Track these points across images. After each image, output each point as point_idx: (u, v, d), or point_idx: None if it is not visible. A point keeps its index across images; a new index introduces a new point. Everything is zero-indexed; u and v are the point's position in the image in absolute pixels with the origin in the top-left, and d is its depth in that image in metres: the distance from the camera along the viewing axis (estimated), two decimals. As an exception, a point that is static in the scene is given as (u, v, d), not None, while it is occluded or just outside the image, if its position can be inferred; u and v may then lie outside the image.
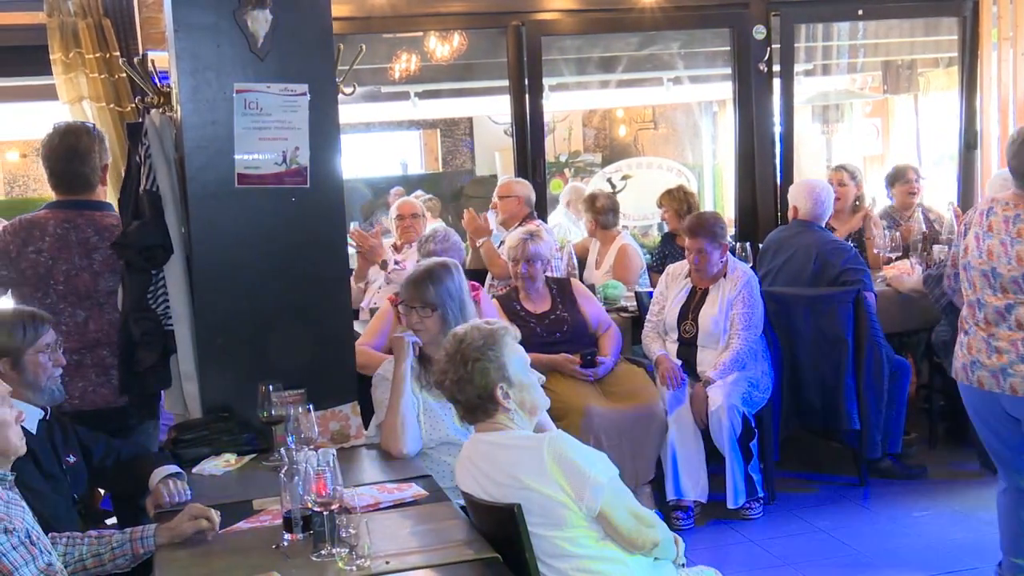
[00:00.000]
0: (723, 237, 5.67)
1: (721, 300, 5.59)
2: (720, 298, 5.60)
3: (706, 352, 5.63)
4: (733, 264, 5.72)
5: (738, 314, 5.56)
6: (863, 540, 5.19)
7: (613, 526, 3.00)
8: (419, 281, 4.06)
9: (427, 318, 4.02)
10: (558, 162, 13.29)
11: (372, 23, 7.18)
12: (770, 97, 7.67)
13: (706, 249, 5.59)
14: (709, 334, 5.61)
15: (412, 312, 4.05)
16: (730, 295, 5.58)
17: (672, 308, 5.75)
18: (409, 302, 4.07)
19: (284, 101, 4.11)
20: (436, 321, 4.00)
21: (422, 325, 4.03)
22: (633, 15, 7.48)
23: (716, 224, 5.68)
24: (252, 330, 4.16)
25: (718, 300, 5.60)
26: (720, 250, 5.62)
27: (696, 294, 5.71)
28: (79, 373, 4.26)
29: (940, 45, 10.03)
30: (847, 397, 5.70)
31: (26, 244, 4.31)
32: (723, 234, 5.68)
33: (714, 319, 5.58)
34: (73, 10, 6.24)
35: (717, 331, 5.58)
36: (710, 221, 5.72)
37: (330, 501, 2.92)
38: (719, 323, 5.57)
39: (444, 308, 4.02)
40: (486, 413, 3.15)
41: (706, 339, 5.63)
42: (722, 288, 5.63)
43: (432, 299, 4.02)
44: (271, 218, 4.16)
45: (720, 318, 5.57)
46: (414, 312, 4.05)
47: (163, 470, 3.57)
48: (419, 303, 4.03)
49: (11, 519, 2.72)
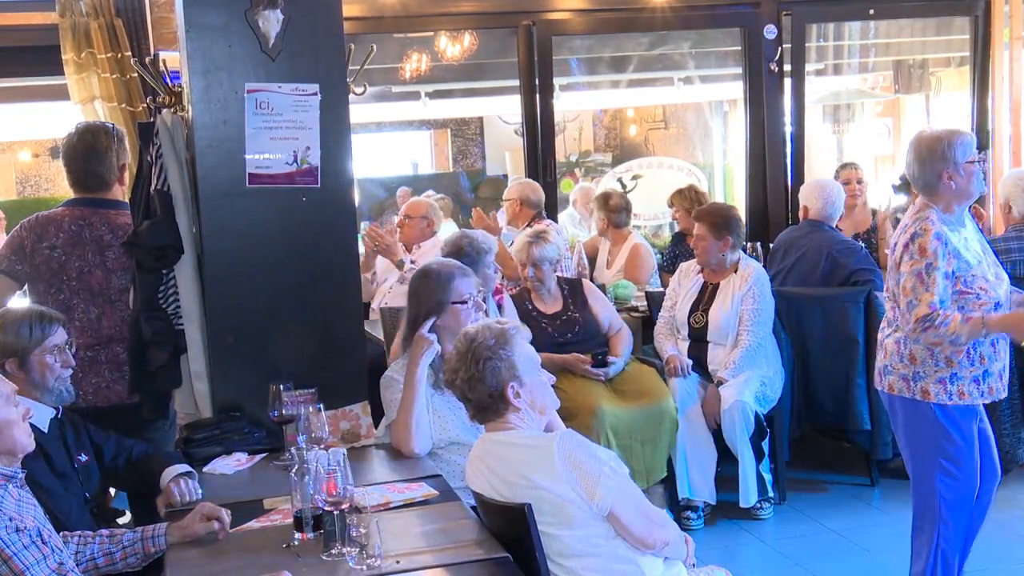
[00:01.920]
0: (728, 231, 5.61)
1: (732, 295, 5.59)
2: (730, 293, 5.60)
3: (717, 349, 5.63)
4: (745, 261, 5.72)
5: (747, 310, 5.55)
6: (874, 540, 5.18)
7: (623, 525, 2.99)
8: None
9: None
10: (568, 162, 13.28)
11: (383, 23, 7.20)
12: (781, 97, 7.67)
13: (705, 235, 5.62)
14: (719, 329, 5.61)
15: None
16: (740, 291, 5.58)
17: (683, 304, 5.76)
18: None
19: (295, 101, 4.12)
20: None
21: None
22: (644, 15, 7.48)
23: (721, 216, 5.67)
24: (263, 329, 4.17)
25: (729, 296, 5.60)
26: (721, 242, 5.61)
27: (707, 289, 5.71)
28: (93, 370, 4.29)
29: (951, 45, 10.00)
30: (858, 397, 5.69)
31: (41, 240, 4.34)
32: (727, 227, 5.62)
33: (724, 314, 5.58)
34: (85, 10, 6.27)
35: (727, 326, 5.58)
36: (716, 211, 5.75)
37: (341, 500, 2.92)
38: (729, 319, 5.57)
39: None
40: (497, 412, 3.15)
41: (716, 334, 5.63)
42: (732, 284, 5.63)
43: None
44: (282, 218, 4.17)
45: (730, 313, 5.57)
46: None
47: (174, 469, 3.58)
48: None
49: (22, 518, 2.73)
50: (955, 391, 3.94)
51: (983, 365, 3.96)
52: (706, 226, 5.64)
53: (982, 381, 3.97)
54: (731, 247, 5.64)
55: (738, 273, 5.65)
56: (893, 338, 4.06)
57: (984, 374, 3.96)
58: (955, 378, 3.93)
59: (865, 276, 5.84)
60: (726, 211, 5.78)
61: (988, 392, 3.99)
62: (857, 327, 5.69)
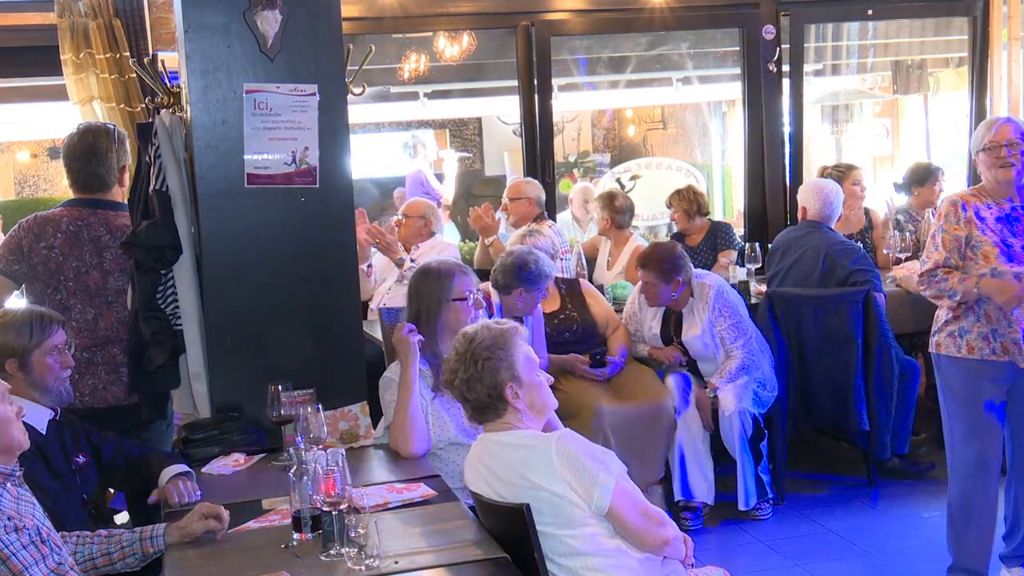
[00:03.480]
0: (676, 272, 5.46)
1: (699, 319, 5.54)
2: (696, 317, 5.55)
3: (705, 364, 5.63)
4: (697, 278, 5.59)
5: (725, 329, 5.50)
6: (872, 541, 5.18)
7: (622, 525, 3.00)
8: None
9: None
10: (567, 162, 13.27)
11: (382, 23, 7.19)
12: (779, 97, 7.66)
13: (653, 282, 5.50)
14: (698, 350, 5.59)
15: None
16: (708, 313, 5.51)
17: (652, 334, 5.71)
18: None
19: (294, 101, 4.12)
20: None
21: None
22: (643, 15, 7.48)
23: (668, 259, 5.48)
24: (261, 330, 4.17)
25: (696, 320, 5.55)
26: (671, 285, 5.46)
27: (672, 316, 5.66)
28: (89, 371, 4.29)
29: (950, 45, 10.00)
30: (857, 398, 5.69)
31: (39, 240, 4.34)
32: (675, 269, 5.46)
33: (700, 339, 5.54)
34: (84, 11, 6.26)
35: (708, 349, 5.55)
36: (661, 256, 5.52)
37: (339, 501, 2.92)
38: (707, 341, 5.53)
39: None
40: (496, 412, 3.16)
41: (697, 354, 5.62)
42: (695, 307, 5.56)
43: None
44: (280, 218, 4.17)
45: (705, 336, 5.52)
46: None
47: (172, 469, 3.58)
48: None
49: (21, 517, 2.73)
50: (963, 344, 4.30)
51: (990, 324, 4.21)
52: (653, 273, 5.48)
53: (992, 339, 4.23)
54: (682, 284, 5.50)
55: (695, 296, 5.56)
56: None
57: (992, 332, 4.22)
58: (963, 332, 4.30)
59: (863, 276, 5.83)
60: (669, 253, 5.53)
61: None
62: (855, 327, 5.69)
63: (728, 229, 7.21)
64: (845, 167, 7.01)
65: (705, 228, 7.11)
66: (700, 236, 7.07)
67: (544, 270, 5.14)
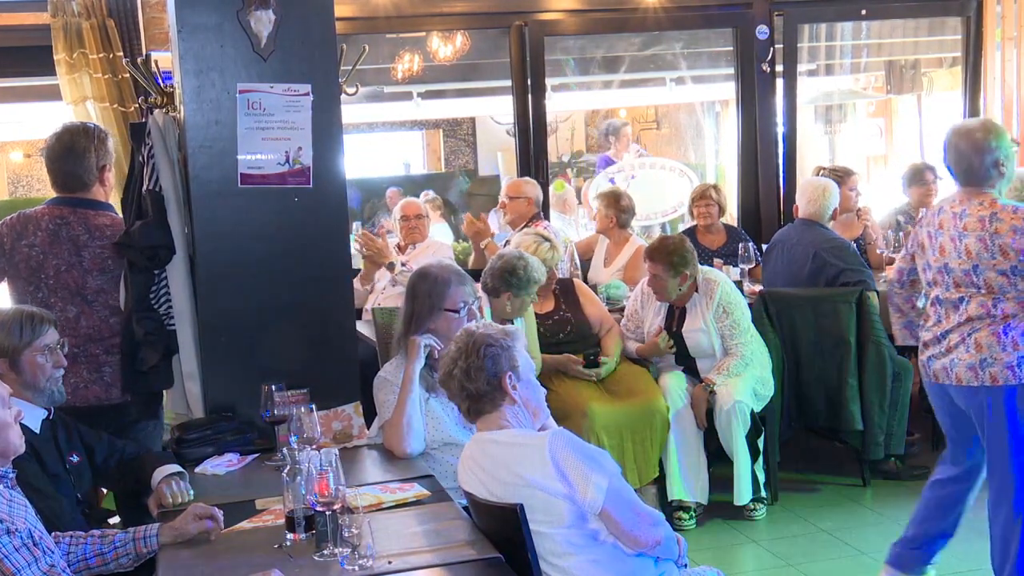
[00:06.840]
0: (683, 266, 5.46)
1: (702, 315, 5.54)
2: (700, 313, 5.55)
3: (703, 362, 5.62)
4: (703, 275, 5.60)
5: (726, 325, 5.51)
6: (866, 541, 5.18)
7: (615, 523, 3.00)
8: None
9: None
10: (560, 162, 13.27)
11: (375, 23, 7.19)
12: (773, 97, 7.67)
13: (662, 275, 5.49)
14: (698, 347, 5.58)
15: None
16: (711, 309, 5.52)
17: (651, 329, 5.70)
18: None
19: (287, 101, 4.12)
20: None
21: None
22: (636, 15, 7.48)
23: (676, 254, 5.47)
24: (255, 330, 4.17)
25: (699, 316, 5.55)
26: (679, 278, 5.47)
27: (675, 312, 5.66)
28: (71, 369, 4.22)
29: (944, 45, 10.01)
30: (850, 398, 5.69)
31: (20, 238, 4.33)
32: (683, 264, 5.46)
33: (701, 332, 5.54)
34: (77, 11, 6.25)
35: (708, 344, 5.54)
36: (669, 248, 5.51)
37: (333, 501, 2.92)
38: (708, 336, 5.53)
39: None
40: (492, 403, 3.15)
41: (696, 351, 5.61)
42: (699, 303, 5.56)
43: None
44: (274, 218, 4.18)
45: (707, 330, 5.52)
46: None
47: (164, 469, 3.58)
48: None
49: (13, 519, 2.72)
50: None
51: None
52: (662, 265, 5.47)
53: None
54: (688, 278, 5.50)
55: (700, 291, 5.57)
56: (988, 330, 4.04)
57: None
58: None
59: (855, 276, 5.84)
60: (678, 247, 5.53)
61: None
62: (849, 327, 5.69)
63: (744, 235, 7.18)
64: (843, 171, 6.98)
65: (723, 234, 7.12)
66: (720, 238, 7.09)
67: (533, 276, 5.14)
